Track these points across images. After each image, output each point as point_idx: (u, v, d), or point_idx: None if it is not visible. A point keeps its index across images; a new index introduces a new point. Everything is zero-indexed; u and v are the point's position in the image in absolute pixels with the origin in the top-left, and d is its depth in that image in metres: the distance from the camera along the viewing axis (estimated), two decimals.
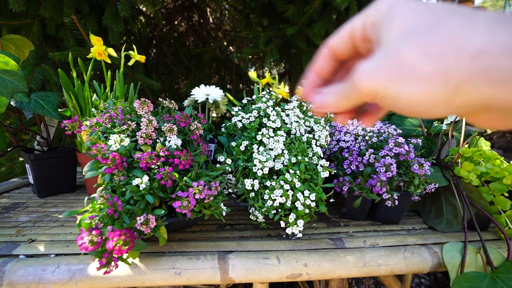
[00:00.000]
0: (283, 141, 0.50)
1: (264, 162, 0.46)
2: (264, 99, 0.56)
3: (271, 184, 0.45)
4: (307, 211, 0.43)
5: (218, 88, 0.73)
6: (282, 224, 0.44)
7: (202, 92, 0.71)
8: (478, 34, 0.13)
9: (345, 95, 0.19)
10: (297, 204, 0.43)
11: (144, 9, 1.39)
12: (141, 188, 0.37)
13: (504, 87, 0.13)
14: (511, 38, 0.13)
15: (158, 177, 0.39)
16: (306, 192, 0.44)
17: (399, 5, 0.16)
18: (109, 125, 0.44)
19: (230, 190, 0.51)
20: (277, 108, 0.55)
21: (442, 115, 0.16)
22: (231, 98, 0.72)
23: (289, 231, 0.43)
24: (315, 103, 0.21)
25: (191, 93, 0.72)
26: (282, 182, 0.44)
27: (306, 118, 0.56)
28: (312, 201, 0.43)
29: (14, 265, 0.38)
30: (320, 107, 0.20)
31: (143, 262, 0.40)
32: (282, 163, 0.49)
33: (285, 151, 0.49)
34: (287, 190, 0.43)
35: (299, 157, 0.48)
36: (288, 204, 0.43)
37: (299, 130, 0.52)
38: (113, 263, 0.33)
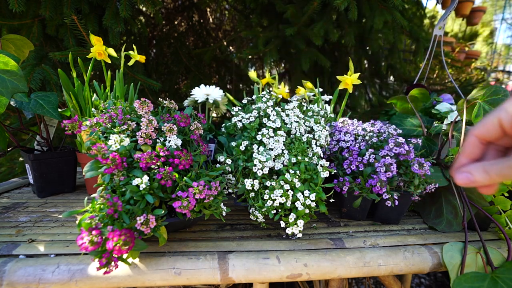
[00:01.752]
0: (283, 141, 0.50)
1: (264, 162, 0.46)
2: (264, 99, 0.56)
3: (271, 184, 0.45)
4: (307, 211, 0.43)
5: (218, 88, 0.73)
6: (282, 224, 0.44)
7: (202, 92, 0.71)
8: None
9: (501, 175, 0.22)
10: (297, 204, 0.43)
11: (144, 9, 1.39)
12: (141, 188, 0.37)
13: None
14: None
15: (158, 177, 0.39)
16: (306, 192, 0.44)
17: None
18: (109, 125, 0.44)
19: (230, 190, 0.51)
20: (277, 108, 0.55)
21: None
22: (231, 98, 0.72)
23: (289, 231, 0.43)
24: (460, 180, 0.24)
25: (191, 93, 0.72)
26: (282, 182, 0.44)
27: (306, 118, 0.56)
28: (312, 201, 0.43)
29: (14, 265, 0.38)
30: (467, 183, 0.24)
31: (143, 262, 0.40)
32: (282, 163, 0.49)
33: (285, 151, 0.49)
34: (287, 190, 0.43)
35: (299, 157, 0.48)
36: (288, 204, 0.43)
37: (299, 130, 0.52)
38: (113, 263, 0.33)
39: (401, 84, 1.75)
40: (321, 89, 0.71)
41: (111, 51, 0.61)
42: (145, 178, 0.38)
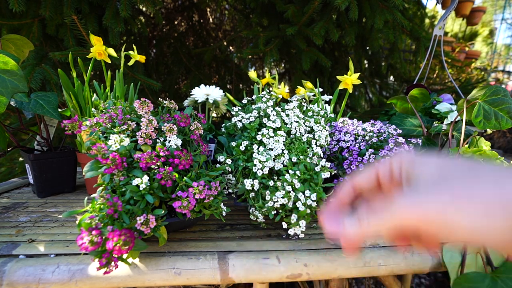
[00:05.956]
0: (283, 141, 0.50)
1: (264, 162, 0.46)
2: (264, 99, 0.56)
3: (272, 186, 0.45)
4: (308, 211, 0.43)
5: (218, 88, 0.73)
6: (284, 225, 0.44)
7: (202, 92, 0.71)
8: None
9: (375, 225, 0.20)
10: (298, 204, 0.43)
11: (144, 9, 1.39)
12: (141, 188, 0.37)
13: None
14: None
15: (158, 177, 0.39)
16: (307, 192, 0.44)
17: (419, 157, 0.21)
18: (109, 125, 0.44)
19: (230, 190, 0.50)
20: (277, 108, 0.55)
21: (493, 245, 0.17)
22: (231, 98, 0.72)
23: (291, 232, 0.43)
24: (330, 228, 0.22)
25: (191, 93, 0.72)
26: (285, 184, 0.44)
27: (306, 118, 0.56)
28: (313, 201, 0.43)
29: (14, 265, 0.38)
30: (336, 233, 0.22)
31: (143, 262, 0.40)
32: (282, 163, 0.48)
33: (285, 151, 0.49)
34: (289, 192, 0.43)
35: (301, 157, 0.48)
36: (290, 205, 0.43)
37: (299, 130, 0.52)
38: (113, 263, 0.33)
39: (401, 84, 1.75)
40: (321, 89, 0.71)
41: (111, 51, 0.61)
42: (145, 178, 0.38)
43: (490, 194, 0.16)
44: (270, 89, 0.73)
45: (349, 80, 0.62)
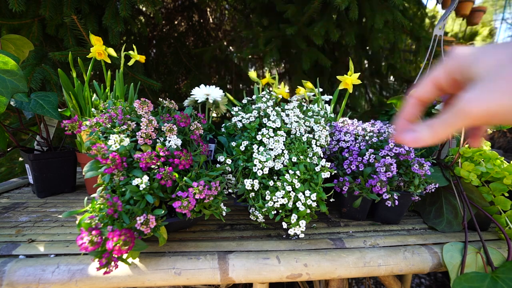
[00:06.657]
0: (283, 141, 0.50)
1: (264, 162, 0.46)
2: (264, 99, 0.56)
3: (272, 186, 0.45)
4: (308, 211, 0.43)
5: (218, 88, 0.73)
6: (284, 225, 0.44)
7: (202, 92, 0.71)
8: None
9: (445, 125, 0.22)
10: (298, 204, 0.43)
11: (144, 9, 1.39)
12: (141, 188, 0.37)
13: None
14: None
15: (158, 177, 0.39)
16: (307, 192, 0.44)
17: (476, 49, 0.21)
18: (109, 125, 0.44)
19: (230, 190, 0.50)
20: (277, 108, 0.55)
21: None
22: (231, 98, 0.72)
23: (291, 232, 0.43)
24: (408, 139, 0.24)
25: (191, 93, 0.72)
26: (285, 184, 0.44)
27: (306, 118, 0.56)
28: (313, 201, 0.43)
29: (14, 265, 0.38)
30: (415, 143, 0.23)
31: (143, 262, 0.40)
32: (282, 163, 0.48)
33: (285, 151, 0.49)
34: (289, 192, 0.43)
35: (301, 157, 0.48)
36: (290, 205, 0.43)
37: (299, 130, 0.52)
38: (113, 263, 0.33)
39: (401, 84, 1.75)
40: (321, 89, 0.71)
41: (111, 51, 0.61)
42: (145, 178, 0.38)
43: None
44: (270, 89, 0.73)
45: (349, 80, 0.62)
